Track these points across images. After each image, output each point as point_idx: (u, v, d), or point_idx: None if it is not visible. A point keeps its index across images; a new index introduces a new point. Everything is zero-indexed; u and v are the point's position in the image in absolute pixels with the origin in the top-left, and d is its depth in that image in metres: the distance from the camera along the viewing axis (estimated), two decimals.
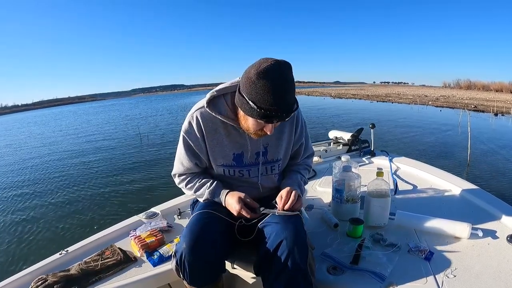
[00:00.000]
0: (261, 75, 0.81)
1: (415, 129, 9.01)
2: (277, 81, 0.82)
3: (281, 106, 0.84)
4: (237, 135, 1.03)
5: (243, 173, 1.08)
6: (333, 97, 28.90)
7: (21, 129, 18.88)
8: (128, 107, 34.66)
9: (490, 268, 0.97)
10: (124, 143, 8.91)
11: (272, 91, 0.82)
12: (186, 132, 1.04)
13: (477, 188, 1.57)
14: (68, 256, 1.19)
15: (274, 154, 1.09)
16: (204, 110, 1.00)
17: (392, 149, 5.92)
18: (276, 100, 0.83)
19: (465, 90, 42.70)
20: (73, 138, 11.31)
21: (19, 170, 6.57)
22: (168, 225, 1.39)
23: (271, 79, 0.81)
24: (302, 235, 0.92)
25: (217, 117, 0.99)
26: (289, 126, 1.10)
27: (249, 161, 1.07)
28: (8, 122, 31.29)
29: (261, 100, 0.83)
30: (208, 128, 1.02)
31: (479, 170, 4.82)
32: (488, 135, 7.75)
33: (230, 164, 1.06)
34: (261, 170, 1.09)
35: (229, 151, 1.04)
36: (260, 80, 0.82)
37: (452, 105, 16.34)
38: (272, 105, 0.83)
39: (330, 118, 12.13)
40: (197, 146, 1.04)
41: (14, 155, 8.77)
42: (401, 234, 1.18)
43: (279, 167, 1.12)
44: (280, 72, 0.83)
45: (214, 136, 1.03)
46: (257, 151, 1.06)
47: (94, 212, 3.75)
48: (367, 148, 2.34)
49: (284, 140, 1.09)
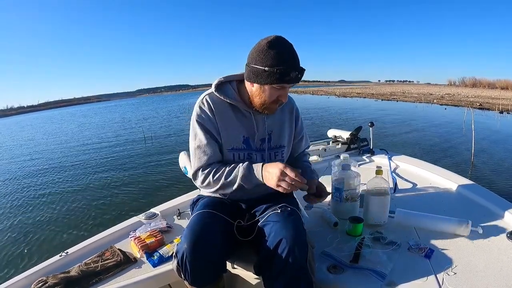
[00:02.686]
0: (273, 43, 0.93)
1: (419, 127, 8.98)
2: (288, 46, 0.94)
3: (295, 65, 0.94)
4: (244, 118, 1.07)
5: (251, 156, 1.09)
6: (337, 96, 28.87)
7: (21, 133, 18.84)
8: (132, 108, 34.63)
9: (491, 265, 0.97)
10: (126, 144, 8.90)
11: (287, 53, 0.93)
12: (199, 117, 1.04)
13: (477, 186, 1.56)
14: (68, 258, 1.19)
15: (278, 141, 1.13)
16: (213, 94, 1.06)
17: (395, 148, 5.93)
18: (291, 60, 0.93)
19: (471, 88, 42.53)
20: (74, 140, 11.31)
21: (15, 173, 6.55)
22: (168, 226, 1.39)
23: (282, 45, 0.94)
24: (302, 233, 0.93)
25: (225, 100, 1.04)
26: (289, 115, 1.17)
27: (255, 145, 1.09)
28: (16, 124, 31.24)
29: (278, 61, 0.92)
30: (217, 110, 1.05)
31: (483, 169, 4.80)
32: (493, 133, 7.69)
33: (240, 148, 1.07)
34: (266, 156, 1.11)
35: (239, 134, 1.07)
36: (273, 47, 0.92)
37: (457, 103, 16.28)
38: (289, 64, 0.92)
39: (333, 117, 12.14)
40: (213, 127, 1.04)
41: (10, 158, 8.75)
42: (401, 232, 1.18)
43: (282, 154, 1.14)
44: (287, 40, 0.95)
45: (224, 118, 1.05)
46: (262, 137, 1.09)
47: (93, 214, 3.74)
48: (366, 147, 2.34)
49: (286, 128, 1.16)
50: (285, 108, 1.16)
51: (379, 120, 10.15)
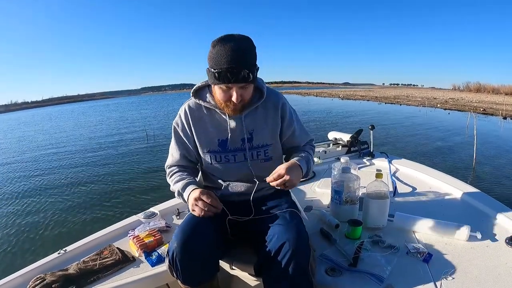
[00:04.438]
0: (215, 43, 0.93)
1: (421, 131, 8.94)
2: (229, 45, 0.90)
3: (233, 64, 0.90)
4: (221, 121, 1.10)
5: (228, 158, 1.10)
6: (341, 98, 28.83)
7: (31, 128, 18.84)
8: (135, 106, 34.67)
9: (489, 270, 0.97)
10: (127, 142, 8.90)
11: (224, 53, 0.90)
12: (176, 123, 1.14)
13: (477, 191, 1.56)
14: (66, 256, 1.19)
15: (261, 140, 1.11)
16: (191, 100, 1.12)
17: (396, 152, 5.91)
18: (228, 60, 0.90)
19: (475, 93, 42.36)
20: (74, 137, 11.32)
21: (15, 170, 6.56)
22: (167, 225, 1.39)
23: (224, 44, 0.91)
24: (304, 236, 0.93)
25: (202, 104, 1.09)
26: (272, 111, 1.12)
27: (234, 146, 1.10)
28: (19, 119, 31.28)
29: (216, 63, 0.92)
30: (194, 117, 1.11)
31: (484, 174, 4.77)
32: (495, 138, 7.65)
33: (216, 150, 1.10)
34: (248, 155, 1.10)
35: (214, 137, 1.10)
36: (215, 47, 0.92)
37: (460, 108, 16.19)
38: (225, 64, 0.90)
39: (336, 119, 12.11)
40: (185, 135, 1.12)
41: (8, 155, 8.75)
42: (399, 236, 1.18)
43: (266, 152, 1.12)
44: (233, 39, 0.92)
45: (200, 124, 1.11)
46: (242, 137, 1.09)
47: (92, 212, 3.74)
48: (366, 150, 2.34)
49: (268, 125, 1.12)
50: (269, 105, 1.11)
51: (381, 124, 10.13)
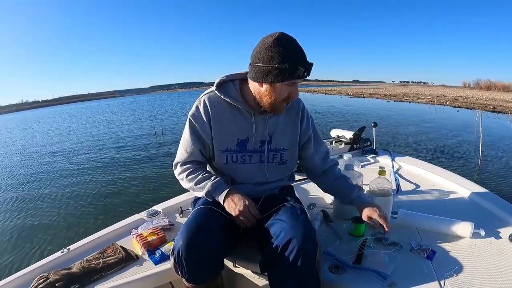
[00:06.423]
0: (280, 39, 0.91)
1: (428, 129, 8.93)
2: (294, 41, 0.93)
3: (305, 59, 0.92)
4: (243, 120, 1.06)
5: (245, 158, 1.08)
6: (350, 96, 28.81)
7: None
8: (145, 104, 34.60)
9: (492, 267, 0.96)
10: (134, 140, 8.92)
11: (294, 48, 0.92)
12: (193, 115, 1.06)
13: (480, 188, 1.56)
14: (69, 254, 1.19)
15: (279, 143, 1.11)
16: (213, 94, 1.06)
17: (402, 149, 5.89)
18: (300, 54, 0.92)
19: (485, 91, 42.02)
20: (78, 136, 11.34)
21: (20, 169, 6.58)
22: (170, 223, 1.39)
23: (289, 41, 0.92)
24: (311, 233, 0.92)
25: (226, 100, 1.03)
26: (294, 115, 1.13)
27: (252, 147, 1.08)
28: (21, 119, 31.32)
29: (288, 57, 0.90)
30: (214, 112, 1.05)
31: (490, 172, 4.77)
32: (504, 136, 7.60)
33: (233, 149, 1.07)
34: (264, 157, 1.10)
35: (234, 136, 1.07)
36: (280, 44, 0.91)
37: (470, 106, 16.10)
38: (298, 58, 0.91)
39: (342, 116, 12.11)
40: (203, 130, 1.06)
41: (10, 155, 8.78)
42: (403, 233, 1.18)
43: (282, 156, 1.13)
44: (291, 36, 0.93)
45: (220, 120, 1.05)
46: (262, 139, 1.08)
47: (95, 210, 3.76)
48: (369, 147, 2.33)
49: (289, 129, 1.13)
50: (291, 109, 1.12)
51: (387, 121, 10.10)
